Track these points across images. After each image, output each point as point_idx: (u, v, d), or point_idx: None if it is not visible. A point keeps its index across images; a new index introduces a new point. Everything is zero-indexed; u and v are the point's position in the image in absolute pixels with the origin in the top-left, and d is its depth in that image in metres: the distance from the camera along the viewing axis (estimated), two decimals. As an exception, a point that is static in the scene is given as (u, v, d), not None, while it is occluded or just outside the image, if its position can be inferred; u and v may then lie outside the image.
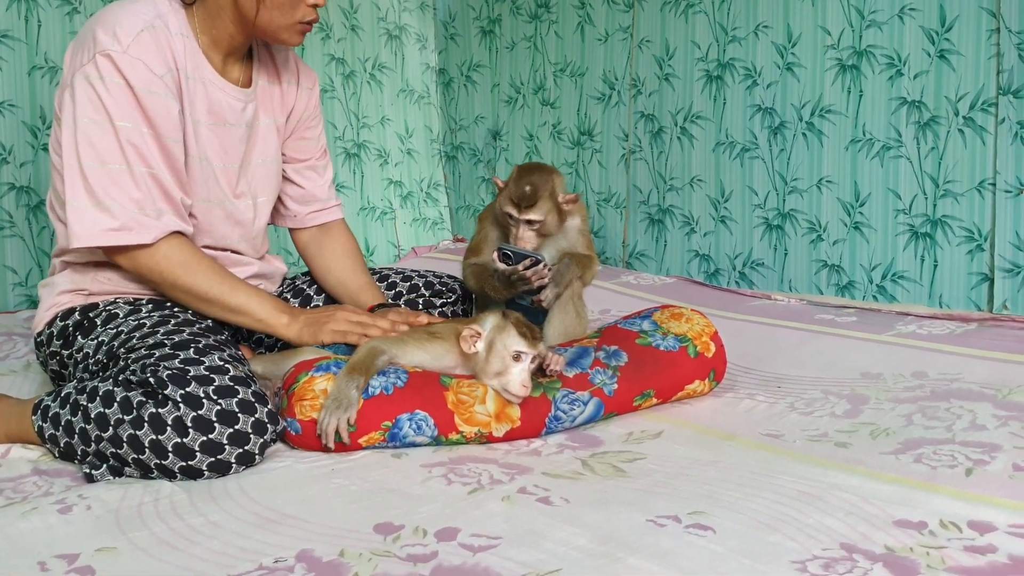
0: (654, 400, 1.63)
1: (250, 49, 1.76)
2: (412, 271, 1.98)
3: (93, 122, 1.51)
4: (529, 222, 1.68)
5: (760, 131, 2.48)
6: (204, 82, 1.64)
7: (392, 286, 1.92)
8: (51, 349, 1.64)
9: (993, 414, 1.50)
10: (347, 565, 1.04)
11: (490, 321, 1.51)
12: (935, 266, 2.17)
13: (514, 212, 1.68)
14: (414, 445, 1.46)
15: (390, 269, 1.99)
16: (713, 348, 1.69)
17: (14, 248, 2.54)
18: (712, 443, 1.46)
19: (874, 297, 2.29)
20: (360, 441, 1.43)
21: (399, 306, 1.86)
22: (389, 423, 1.44)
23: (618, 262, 2.92)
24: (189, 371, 1.36)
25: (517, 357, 1.46)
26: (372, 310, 1.75)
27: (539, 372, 1.54)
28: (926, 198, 2.16)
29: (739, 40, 2.51)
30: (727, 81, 2.55)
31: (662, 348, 1.65)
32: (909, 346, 1.86)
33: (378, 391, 1.45)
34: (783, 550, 1.07)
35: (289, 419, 1.44)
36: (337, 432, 1.41)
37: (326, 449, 1.42)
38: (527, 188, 1.67)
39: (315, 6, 1.61)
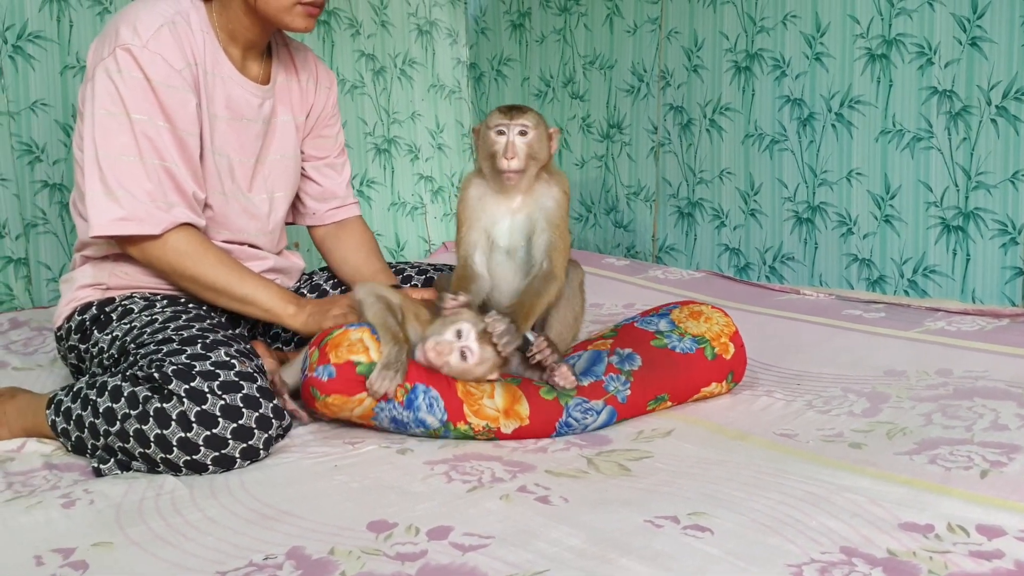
0: (668, 404, 1.59)
1: (271, 48, 1.77)
2: (428, 265, 1.97)
3: (109, 114, 1.53)
4: (522, 132, 1.57)
5: (789, 122, 2.43)
6: (223, 77, 1.66)
7: (407, 280, 1.92)
8: (70, 343, 1.66)
9: (1017, 413, 1.45)
10: (335, 563, 1.04)
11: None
12: (967, 260, 2.10)
13: (504, 120, 1.58)
14: (423, 424, 1.45)
15: (406, 263, 1.99)
16: (732, 349, 1.64)
17: (48, 244, 2.58)
18: (722, 442, 1.43)
19: (905, 292, 2.23)
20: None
21: (410, 287, 1.86)
22: (409, 385, 1.44)
23: (648, 256, 2.89)
24: (195, 366, 1.37)
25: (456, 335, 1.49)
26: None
27: (537, 367, 1.52)
28: (958, 190, 2.10)
29: (767, 30, 2.46)
30: (755, 72, 2.50)
31: (678, 350, 1.60)
32: (936, 343, 1.81)
33: None
34: (780, 553, 1.04)
35: (320, 367, 1.44)
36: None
37: (375, 398, 1.43)
38: (514, 104, 1.65)
39: None
